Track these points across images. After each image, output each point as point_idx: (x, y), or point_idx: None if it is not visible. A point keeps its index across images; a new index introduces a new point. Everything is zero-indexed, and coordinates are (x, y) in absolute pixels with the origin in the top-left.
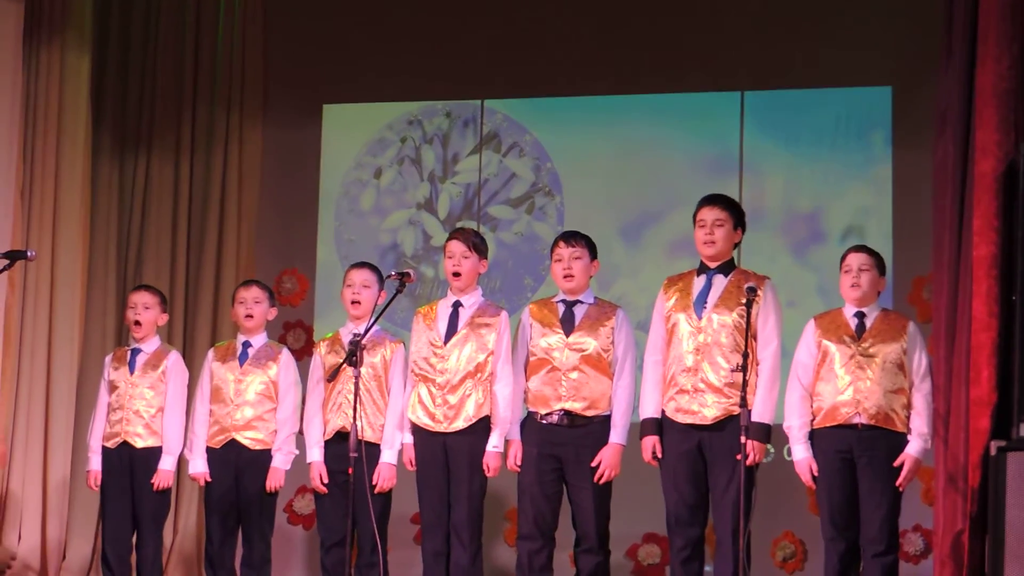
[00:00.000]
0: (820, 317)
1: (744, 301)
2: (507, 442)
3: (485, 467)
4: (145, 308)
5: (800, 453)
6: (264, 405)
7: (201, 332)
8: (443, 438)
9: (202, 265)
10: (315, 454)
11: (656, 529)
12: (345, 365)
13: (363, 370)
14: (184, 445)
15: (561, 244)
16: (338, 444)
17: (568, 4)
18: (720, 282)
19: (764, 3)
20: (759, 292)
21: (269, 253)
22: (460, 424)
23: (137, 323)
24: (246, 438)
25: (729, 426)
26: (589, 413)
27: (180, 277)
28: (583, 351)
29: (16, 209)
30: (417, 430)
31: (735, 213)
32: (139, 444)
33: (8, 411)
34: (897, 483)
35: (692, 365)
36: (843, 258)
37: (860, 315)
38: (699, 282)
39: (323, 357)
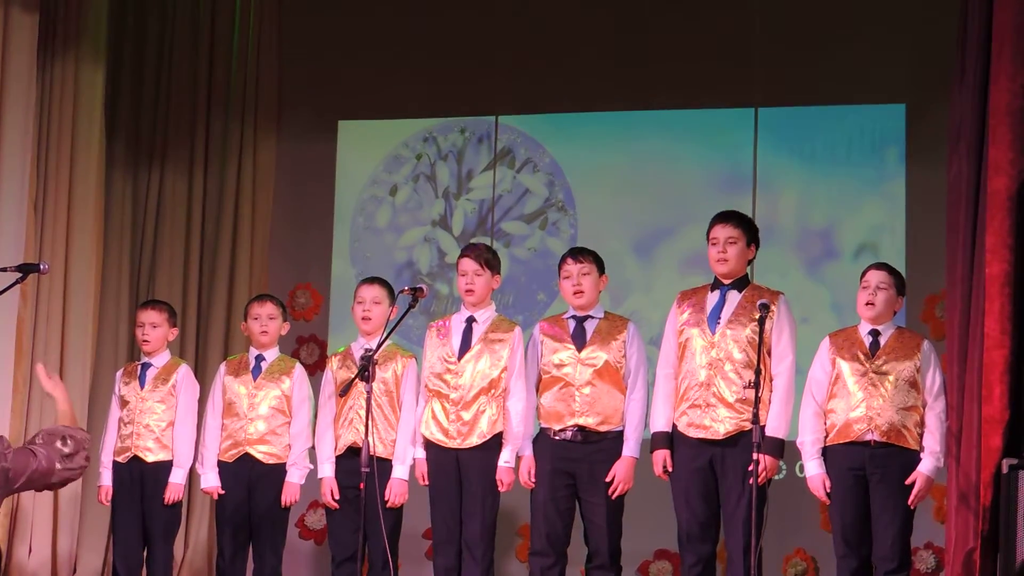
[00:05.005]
0: (835, 334)
1: (757, 317)
2: (518, 458)
3: (498, 482)
4: (153, 327)
5: (813, 469)
6: (277, 419)
7: (214, 346)
8: (456, 453)
9: (215, 279)
10: (326, 470)
11: (668, 545)
12: (357, 380)
13: (375, 385)
14: (195, 459)
15: (569, 261)
16: (349, 459)
17: (582, 21)
18: (734, 298)
19: (778, 20)
20: (772, 307)
21: (283, 268)
22: (474, 440)
23: (146, 342)
24: (259, 452)
25: (741, 442)
26: (603, 428)
27: (193, 290)
28: (595, 366)
29: (29, 222)
30: (430, 445)
31: (748, 230)
32: (150, 458)
33: (20, 424)
34: (908, 501)
35: (705, 380)
36: (863, 273)
37: (875, 333)
38: (712, 297)
39: (335, 372)
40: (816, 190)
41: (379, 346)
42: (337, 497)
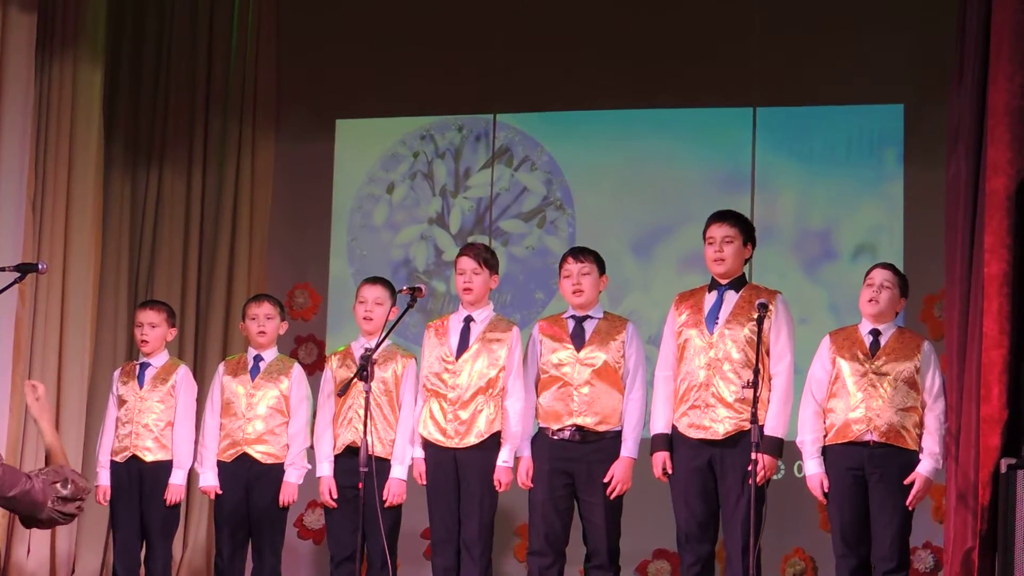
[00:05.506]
0: (835, 333)
1: (755, 316)
2: (516, 458)
3: (496, 482)
4: (152, 327)
5: (812, 468)
6: (276, 419)
7: (212, 345)
8: (454, 453)
9: (214, 278)
10: (324, 469)
11: (666, 545)
12: (356, 380)
13: (374, 385)
14: (194, 459)
15: (570, 260)
16: (348, 459)
17: (580, 19)
18: (731, 298)
19: (777, 20)
20: (770, 307)
21: (281, 267)
22: (472, 440)
23: (144, 342)
24: (257, 452)
25: (741, 442)
26: (601, 428)
27: (191, 290)
28: (594, 366)
29: (28, 221)
30: (428, 445)
31: (744, 229)
32: (148, 458)
33: (18, 424)
34: (907, 502)
35: (704, 380)
36: (868, 272)
37: (875, 332)
38: (710, 298)
39: (334, 371)
40: (814, 190)
41: (378, 345)
42: (335, 496)
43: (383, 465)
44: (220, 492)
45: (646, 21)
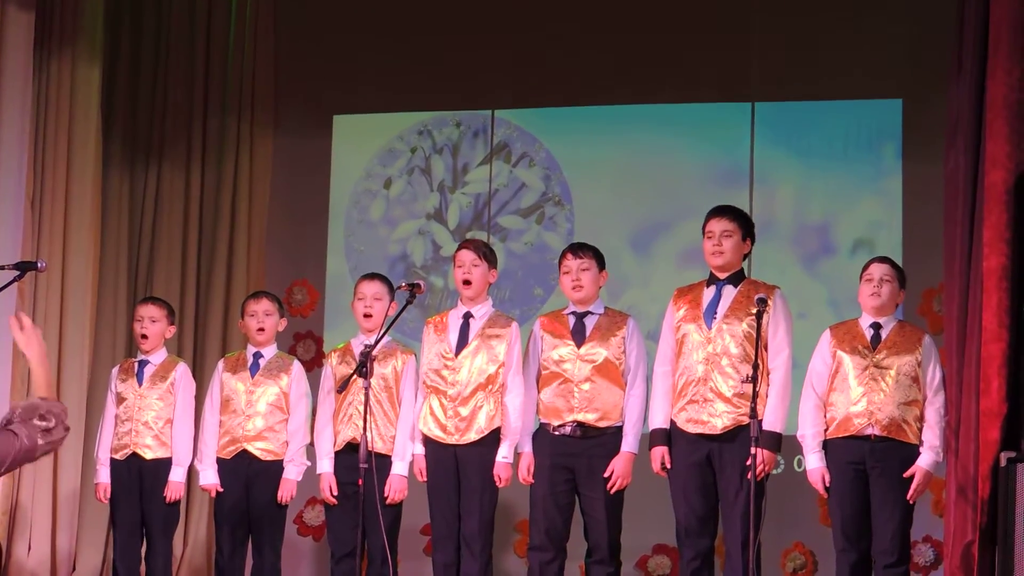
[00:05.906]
0: (836, 327)
1: (754, 311)
2: (518, 454)
3: (496, 478)
4: (152, 322)
5: (813, 462)
6: (275, 416)
7: (211, 343)
8: (454, 449)
9: (212, 275)
10: (325, 465)
11: (666, 540)
12: (355, 376)
13: (373, 381)
14: (194, 456)
15: (569, 256)
16: (348, 455)
17: (578, 15)
18: (730, 292)
19: (775, 15)
20: (769, 302)
21: (279, 264)
22: (472, 436)
23: (144, 336)
24: (257, 449)
25: (739, 436)
26: (602, 424)
27: (190, 287)
28: (594, 362)
29: (26, 219)
30: (428, 441)
31: (743, 224)
32: (148, 456)
33: None
34: (907, 496)
35: (702, 375)
36: (865, 267)
37: (876, 326)
38: (709, 293)
39: (334, 368)
40: (813, 185)
41: (377, 342)
42: (336, 493)
43: (383, 461)
44: (220, 489)
45: (644, 17)
